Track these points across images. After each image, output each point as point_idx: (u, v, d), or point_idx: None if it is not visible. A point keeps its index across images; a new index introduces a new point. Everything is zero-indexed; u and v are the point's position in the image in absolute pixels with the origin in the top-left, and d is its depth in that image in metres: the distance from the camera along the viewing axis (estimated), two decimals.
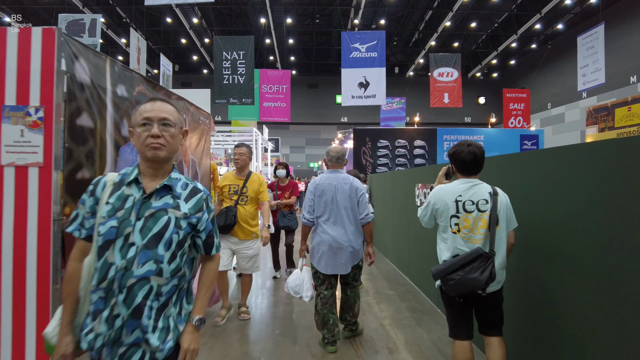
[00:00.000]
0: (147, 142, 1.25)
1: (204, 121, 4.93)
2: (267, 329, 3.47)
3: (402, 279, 5.10)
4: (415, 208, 4.47)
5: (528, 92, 18.16)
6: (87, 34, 10.90)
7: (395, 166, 10.73)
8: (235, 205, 3.49)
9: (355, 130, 11.23)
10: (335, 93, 23.93)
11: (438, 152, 11.05)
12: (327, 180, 3.02)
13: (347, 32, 11.12)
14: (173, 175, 1.34)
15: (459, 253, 2.00)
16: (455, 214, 2.03)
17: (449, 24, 17.01)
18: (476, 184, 2.06)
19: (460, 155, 2.07)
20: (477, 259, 1.90)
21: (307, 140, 25.76)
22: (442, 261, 2.07)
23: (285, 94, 16.50)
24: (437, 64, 15.51)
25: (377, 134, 11.19)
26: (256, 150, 10.69)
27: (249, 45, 11.85)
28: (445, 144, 11.10)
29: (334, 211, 2.96)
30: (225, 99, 11.67)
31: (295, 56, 22.22)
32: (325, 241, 2.93)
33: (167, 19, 17.10)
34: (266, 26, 17.02)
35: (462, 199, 2.03)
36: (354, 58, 10.81)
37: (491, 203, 1.99)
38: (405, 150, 10.93)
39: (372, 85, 10.71)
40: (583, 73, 13.15)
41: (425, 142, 11.04)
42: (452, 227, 2.05)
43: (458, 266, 1.91)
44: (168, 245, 1.25)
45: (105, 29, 16.99)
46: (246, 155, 3.59)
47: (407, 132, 11.37)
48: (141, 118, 1.27)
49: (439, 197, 2.10)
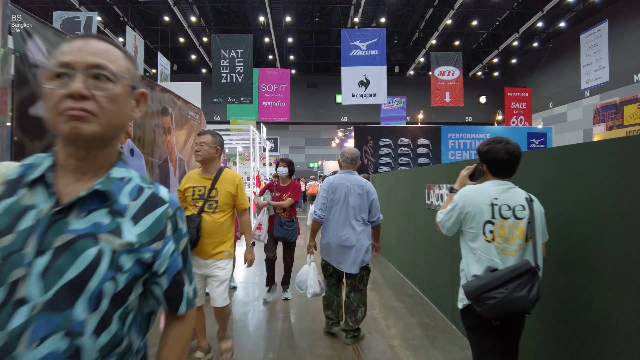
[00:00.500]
0: (62, 108, 0.69)
1: (194, 116, 4.67)
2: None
3: (409, 289, 4.68)
4: (424, 211, 4.15)
5: (530, 91, 17.99)
6: (83, 32, 10.72)
7: (398, 166, 10.43)
8: (199, 213, 2.57)
9: (357, 128, 10.97)
10: (335, 92, 23.72)
11: (443, 152, 10.70)
12: (341, 180, 3.14)
13: (347, 30, 10.94)
14: (115, 174, 0.78)
15: (494, 266, 1.71)
16: (490, 219, 1.75)
17: (450, 22, 16.83)
18: (511, 187, 1.81)
19: (495, 155, 1.80)
20: (525, 275, 1.61)
21: (306, 140, 25.58)
22: (473, 276, 1.75)
23: (284, 93, 16.32)
24: (438, 63, 15.33)
25: (379, 132, 10.90)
26: (254, 150, 10.50)
27: (248, 43, 11.68)
28: (450, 142, 10.75)
29: (344, 210, 3.08)
30: (224, 98, 11.49)
31: (295, 55, 22.04)
32: (334, 238, 3.07)
33: (164, 17, 16.91)
34: (265, 25, 16.84)
35: (498, 203, 1.76)
36: (354, 56, 10.63)
37: (528, 210, 1.74)
38: (408, 150, 10.60)
39: (372, 84, 10.53)
40: (586, 71, 12.96)
41: (429, 140, 10.70)
42: (486, 234, 1.75)
43: (500, 282, 1.61)
44: (94, 303, 0.69)
45: (103, 27, 16.82)
46: (210, 145, 2.59)
47: (411, 130, 11.04)
48: (56, 64, 0.71)
49: (471, 199, 1.80)
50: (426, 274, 4.29)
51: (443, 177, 3.69)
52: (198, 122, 4.79)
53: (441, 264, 3.73)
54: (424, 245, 4.28)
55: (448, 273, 3.50)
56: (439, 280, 3.85)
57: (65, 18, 10.48)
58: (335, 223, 3.08)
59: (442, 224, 1.92)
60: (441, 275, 3.75)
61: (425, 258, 4.26)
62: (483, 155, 1.87)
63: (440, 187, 3.71)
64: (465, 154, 10.70)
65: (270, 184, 4.52)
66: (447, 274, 3.54)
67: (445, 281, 3.60)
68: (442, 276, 3.71)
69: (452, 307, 2.05)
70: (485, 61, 21.38)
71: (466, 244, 1.84)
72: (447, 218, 1.87)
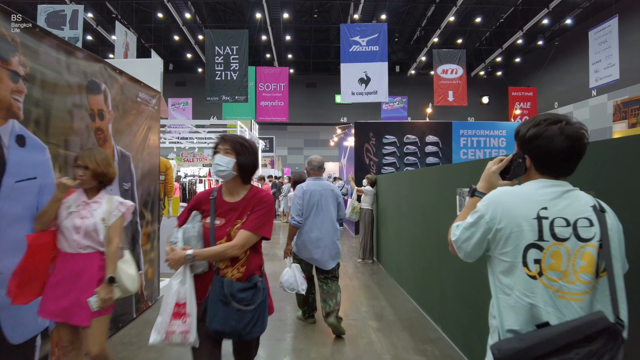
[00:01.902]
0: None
1: (148, 101, 3.79)
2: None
3: (430, 330, 3.52)
4: None
5: (535, 91, 17.54)
6: (69, 26, 10.23)
7: (404, 166, 9.50)
8: None
9: (358, 124, 9.84)
10: (335, 92, 23.25)
11: (454, 150, 9.74)
12: (313, 186, 3.49)
13: (346, 25, 10.45)
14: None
15: (542, 317, 1.09)
16: (535, 241, 1.12)
17: (453, 19, 16.34)
18: (569, 191, 1.17)
19: (549, 142, 1.16)
20: (598, 337, 0.99)
21: (305, 142, 25.07)
22: (508, 331, 1.13)
23: (282, 92, 15.81)
24: (441, 60, 14.84)
25: (382, 128, 9.78)
26: None
27: (243, 39, 11.17)
28: (462, 140, 9.77)
29: (320, 213, 3.43)
30: (217, 96, 10.98)
31: (293, 54, 21.56)
32: (312, 239, 3.39)
33: (158, 14, 16.43)
34: (262, 22, 16.36)
35: (548, 215, 1.12)
36: (354, 52, 10.13)
37: (598, 226, 1.11)
38: (415, 148, 9.60)
39: (373, 81, 10.02)
40: (595, 69, 12.47)
41: (438, 138, 9.68)
42: (529, 265, 1.12)
43: (553, 348, 0.99)
44: None
45: (95, 25, 16.33)
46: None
47: (418, 126, 9.87)
48: None
49: (505, 209, 1.17)
50: (455, 311, 3.10)
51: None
52: (155, 109, 3.94)
53: (480, 298, 2.54)
54: (453, 270, 3.08)
55: (485, 312, 2.39)
56: (476, 323, 2.64)
57: (50, 12, 9.98)
58: (311, 225, 3.40)
59: (458, 243, 1.27)
60: (480, 315, 2.51)
61: (455, 288, 3.09)
62: (527, 142, 1.21)
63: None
64: (479, 153, 9.82)
65: (202, 195, 1.98)
66: (484, 313, 2.37)
67: (487, 325, 2.53)
68: (481, 317, 2.47)
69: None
70: (488, 60, 20.90)
71: (496, 278, 1.20)
72: (466, 236, 1.24)
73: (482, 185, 1.34)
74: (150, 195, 3.98)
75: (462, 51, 15.02)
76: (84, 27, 17.63)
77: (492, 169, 1.33)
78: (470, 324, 2.81)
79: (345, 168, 11.08)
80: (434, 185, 3.62)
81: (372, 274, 5.61)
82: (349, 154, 10.45)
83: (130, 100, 3.43)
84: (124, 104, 3.34)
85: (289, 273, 3.32)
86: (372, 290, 4.82)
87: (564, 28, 17.61)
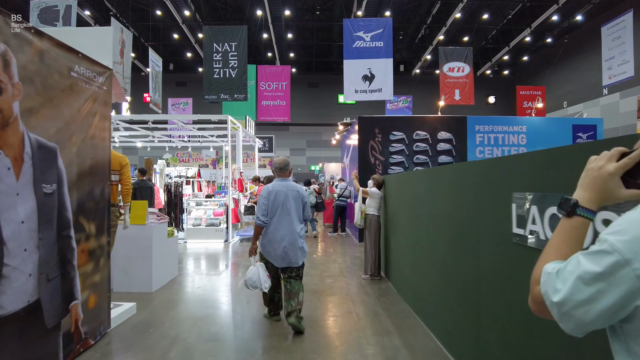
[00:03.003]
0: None
1: (91, 78, 2.97)
2: None
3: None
4: (508, 246, 2.06)
5: (543, 90, 17.04)
6: (62, 22, 9.89)
7: (414, 165, 8.62)
8: None
9: (362, 119, 8.79)
10: (337, 92, 22.86)
11: (469, 148, 8.79)
12: (279, 187, 3.55)
13: (349, 20, 10.04)
14: None
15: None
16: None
17: (459, 16, 15.90)
18: None
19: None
20: None
21: (307, 142, 24.65)
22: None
23: (284, 91, 15.42)
24: (447, 58, 14.40)
25: (389, 124, 8.76)
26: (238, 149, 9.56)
27: (242, 36, 10.79)
28: (478, 137, 8.79)
29: (285, 213, 3.49)
30: (216, 94, 10.59)
31: (295, 53, 21.18)
32: (277, 239, 3.44)
33: (157, 11, 16.10)
34: (263, 20, 15.98)
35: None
36: (358, 48, 9.71)
37: None
38: (425, 145, 8.68)
39: (377, 78, 9.60)
40: (609, 66, 11.97)
41: (451, 134, 8.77)
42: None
43: None
44: None
45: (93, 24, 16.03)
46: None
47: (429, 121, 8.87)
48: None
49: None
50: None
51: (559, 178, 1.68)
52: (103, 90, 3.14)
53: (538, 353, 1.83)
54: (499, 309, 2.20)
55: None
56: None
57: (43, 7, 9.65)
58: (277, 225, 3.46)
59: (568, 307, 0.70)
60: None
61: (499, 335, 2.21)
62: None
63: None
64: (496, 151, 8.77)
65: None
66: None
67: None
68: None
69: None
70: (495, 59, 20.43)
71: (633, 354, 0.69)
72: (588, 296, 0.68)
73: (588, 196, 0.80)
74: (94, 200, 3.07)
75: (469, 49, 14.57)
76: (82, 26, 17.37)
77: (608, 168, 0.77)
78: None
79: (349, 168, 10.46)
80: (471, 187, 2.58)
81: (381, 296, 4.59)
82: (352, 152, 9.78)
83: (57, 73, 2.60)
84: (46, 77, 2.49)
85: (252, 271, 3.44)
86: (381, 320, 3.77)
87: (574, 25, 17.11)
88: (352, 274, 5.76)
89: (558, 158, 1.70)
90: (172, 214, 8.63)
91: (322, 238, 9.41)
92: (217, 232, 8.31)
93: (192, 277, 5.60)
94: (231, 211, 8.29)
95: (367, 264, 5.40)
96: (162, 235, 5.06)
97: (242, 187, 8.93)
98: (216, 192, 9.86)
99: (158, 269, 4.85)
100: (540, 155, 1.84)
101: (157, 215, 5.07)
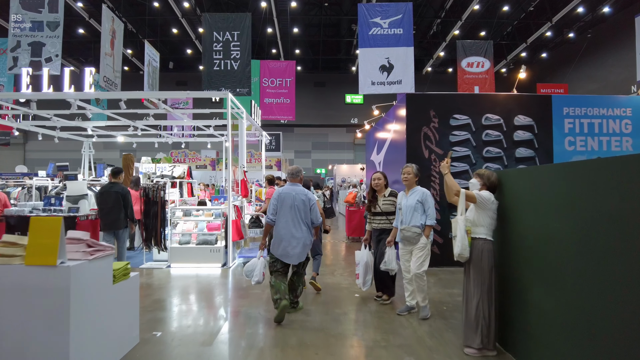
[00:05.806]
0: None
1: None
2: None
3: None
4: None
5: (566, 87, 16.01)
6: (47, 8, 8.99)
7: (483, 161, 6.42)
8: None
9: (411, 97, 6.68)
10: (345, 92, 21.91)
11: (555, 138, 6.46)
12: (288, 190, 3.97)
13: (365, 4, 9.04)
14: None
15: None
16: None
17: (477, 8, 14.90)
18: None
19: None
20: None
21: (313, 144, 23.64)
22: None
23: (289, 88, 14.44)
24: (466, 53, 13.39)
25: (450, 103, 6.54)
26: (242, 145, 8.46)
27: (245, 24, 9.81)
28: (567, 123, 6.50)
29: (292, 214, 3.89)
30: (216, 88, 9.59)
31: (301, 50, 20.23)
32: (284, 236, 3.85)
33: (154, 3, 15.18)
34: (267, 13, 15.03)
35: None
36: (374, 35, 8.71)
37: None
38: (499, 134, 6.42)
39: (397, 69, 8.59)
40: None
41: (532, 119, 6.50)
42: None
43: None
44: None
45: (88, 18, 15.16)
46: None
47: (501, 101, 6.63)
48: None
49: None
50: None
51: None
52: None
53: None
54: None
55: None
56: None
57: None
58: (284, 224, 3.87)
59: None
60: None
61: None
62: None
63: None
64: (593, 144, 6.55)
65: None
66: None
67: None
68: None
69: None
70: (511, 56, 19.41)
71: None
72: None
73: None
74: None
75: (489, 42, 13.59)
76: (75, 20, 16.49)
77: None
78: None
79: (382, 167, 8.25)
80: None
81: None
82: (391, 146, 7.58)
83: None
84: None
85: (254, 263, 3.95)
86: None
87: (598, 18, 16.07)
88: (445, 344, 3.25)
89: None
90: (149, 228, 6.33)
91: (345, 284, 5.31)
92: (213, 252, 6.28)
93: (163, 345, 3.24)
94: (232, 223, 6.32)
95: (473, 328, 3.04)
96: (98, 281, 2.73)
97: (246, 191, 7.53)
98: (213, 197, 8.21)
99: (87, 343, 2.57)
100: None
101: (88, 245, 2.74)
